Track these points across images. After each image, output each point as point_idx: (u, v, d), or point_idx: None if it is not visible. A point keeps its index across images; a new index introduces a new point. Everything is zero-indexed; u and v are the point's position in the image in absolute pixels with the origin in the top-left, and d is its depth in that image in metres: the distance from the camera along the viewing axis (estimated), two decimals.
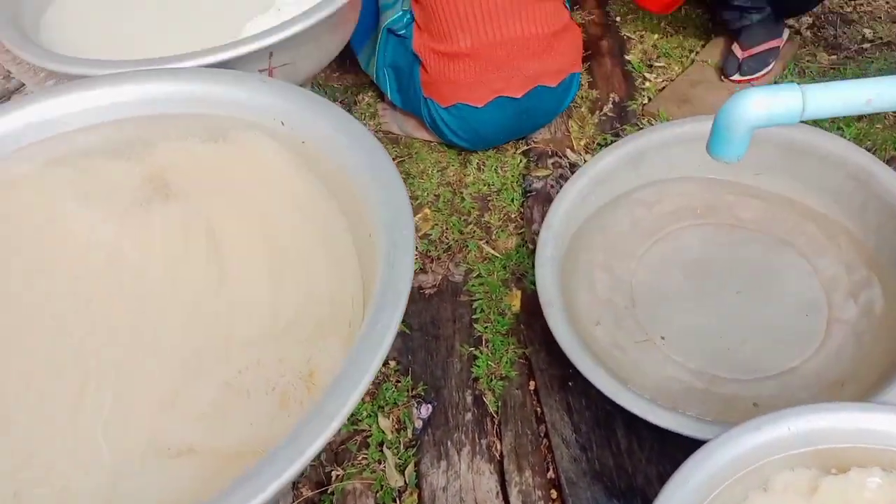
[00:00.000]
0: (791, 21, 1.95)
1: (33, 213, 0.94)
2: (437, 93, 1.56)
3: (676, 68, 1.90)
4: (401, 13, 1.58)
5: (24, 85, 2.09)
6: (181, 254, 0.93)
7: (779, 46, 1.82)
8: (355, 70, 1.90)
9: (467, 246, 1.56)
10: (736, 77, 1.79)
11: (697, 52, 1.92)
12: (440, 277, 1.51)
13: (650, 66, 1.92)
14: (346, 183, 0.92)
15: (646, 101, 1.80)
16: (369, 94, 1.92)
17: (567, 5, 1.61)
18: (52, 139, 1.02)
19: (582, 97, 1.82)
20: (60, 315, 0.89)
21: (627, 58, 1.92)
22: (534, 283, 1.32)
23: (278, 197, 0.95)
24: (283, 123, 0.99)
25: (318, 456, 0.99)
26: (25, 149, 1.00)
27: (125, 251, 0.94)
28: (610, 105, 1.80)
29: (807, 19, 2.03)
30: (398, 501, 1.17)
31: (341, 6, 1.13)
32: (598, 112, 1.79)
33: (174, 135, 1.01)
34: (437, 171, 1.73)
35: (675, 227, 1.43)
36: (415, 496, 1.17)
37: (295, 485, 1.19)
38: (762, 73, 1.78)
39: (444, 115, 1.58)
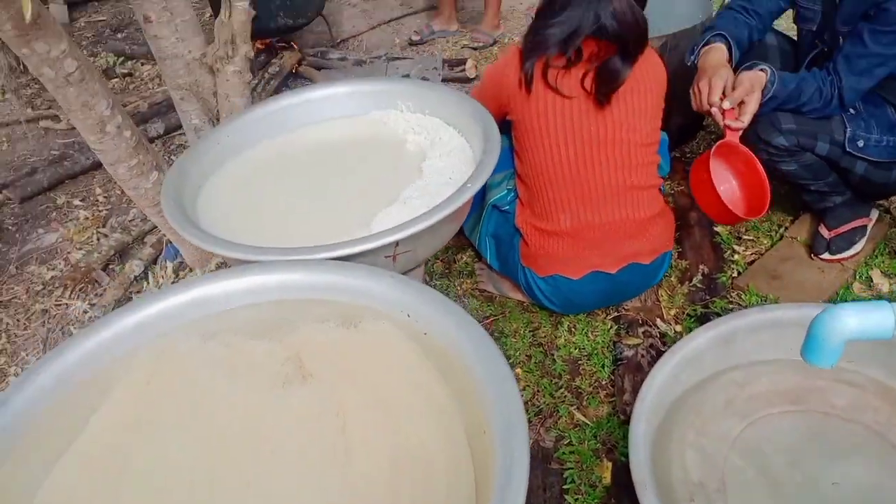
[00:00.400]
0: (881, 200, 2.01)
1: (193, 387, 1.08)
2: (535, 263, 1.68)
3: (765, 242, 1.97)
4: (506, 192, 1.75)
5: (155, 227, 2.35)
6: (314, 432, 1.05)
7: (866, 225, 1.87)
8: (456, 234, 2.07)
9: (558, 411, 1.62)
10: (825, 256, 1.84)
11: (786, 228, 1.99)
12: (531, 442, 1.57)
13: (739, 238, 1.99)
14: (463, 378, 1.02)
15: (735, 274, 1.87)
16: (467, 253, 2.07)
17: (662, 191, 1.73)
18: (207, 318, 1.18)
19: (672, 266, 1.91)
20: (209, 476, 1.01)
21: (716, 229, 2.01)
22: (625, 456, 1.36)
23: (402, 384, 1.07)
24: (408, 315, 1.11)
25: None
26: (187, 325, 1.16)
27: (266, 425, 1.06)
28: (699, 276, 1.87)
29: None
30: None
31: (463, 204, 1.29)
32: (687, 283, 1.87)
33: (313, 319, 1.16)
34: (529, 331, 1.83)
35: (768, 411, 1.46)
36: None
37: None
38: (850, 252, 1.82)
39: (541, 284, 1.70)
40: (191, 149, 1.59)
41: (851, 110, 1.72)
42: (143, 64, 3.68)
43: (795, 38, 1.91)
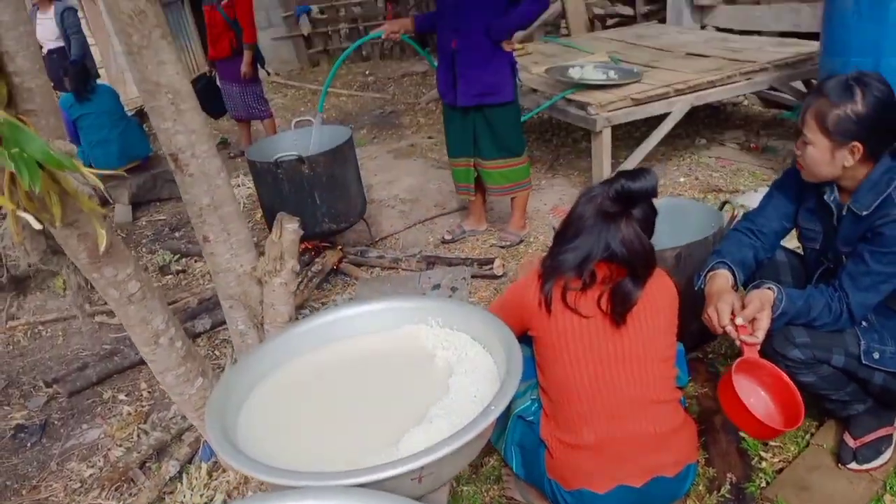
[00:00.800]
0: None
1: None
2: (561, 476, 1.71)
3: (792, 448, 1.97)
4: (530, 402, 1.82)
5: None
6: None
7: (892, 434, 1.88)
8: None
9: None
10: (852, 466, 1.84)
11: (812, 434, 1.99)
12: None
13: (766, 444, 2.00)
14: None
15: (763, 483, 1.86)
16: (495, 457, 2.10)
17: (683, 403, 1.79)
18: None
19: (699, 475, 1.91)
20: None
21: (741, 434, 2.03)
22: None
23: None
24: None
25: None
26: None
27: None
28: (727, 486, 1.87)
29: None
30: None
31: (488, 426, 1.36)
32: (716, 492, 1.86)
33: None
34: None
35: None
36: None
37: None
38: (878, 463, 1.82)
39: (567, 497, 1.71)
40: (237, 365, 1.72)
41: (864, 323, 1.79)
42: (196, 261, 3.98)
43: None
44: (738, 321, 1.70)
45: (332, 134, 3.65)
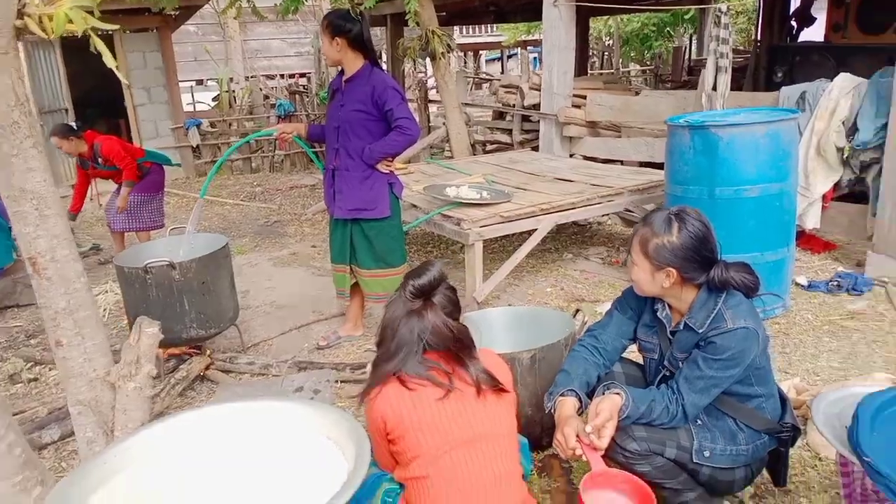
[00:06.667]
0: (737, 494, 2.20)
1: None
2: None
3: None
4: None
5: None
6: None
7: None
8: None
9: None
10: None
11: None
12: None
13: None
14: None
15: None
16: None
17: (525, 479, 1.88)
18: None
19: None
20: None
21: None
22: None
23: None
24: None
25: None
26: None
27: None
28: None
29: (750, 488, 2.27)
30: None
31: None
32: None
33: None
34: None
35: None
36: None
37: None
38: None
39: None
40: (74, 472, 1.65)
41: (698, 421, 2.00)
42: (50, 369, 3.75)
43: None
44: (588, 429, 1.87)
45: (208, 241, 3.66)
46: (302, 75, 14.12)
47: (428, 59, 7.69)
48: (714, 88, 5.20)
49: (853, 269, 4.39)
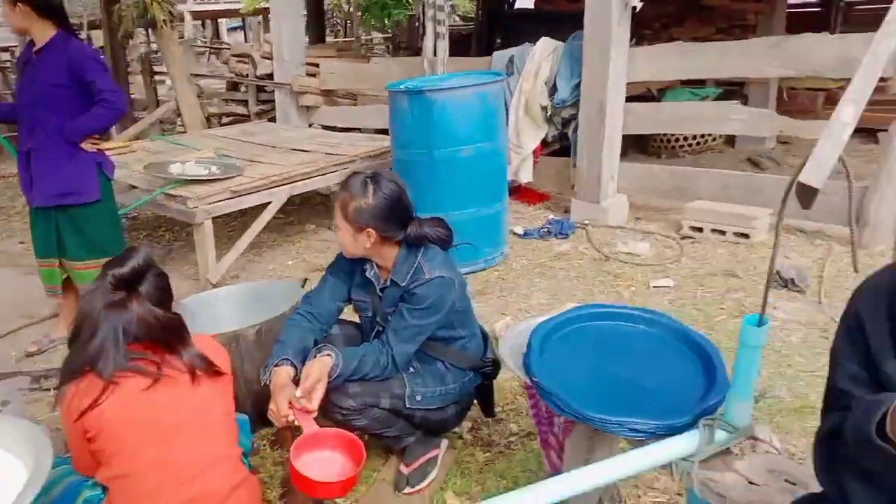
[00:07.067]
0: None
1: None
2: None
3: (363, 489, 2.18)
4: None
5: None
6: None
7: (436, 456, 2.22)
8: None
9: None
10: (406, 490, 2.12)
11: (378, 471, 2.24)
12: None
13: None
14: None
15: None
16: None
17: (245, 461, 1.87)
18: None
19: None
20: None
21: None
22: None
23: None
24: None
25: None
26: None
27: None
28: None
29: (466, 423, 2.50)
30: None
31: None
32: None
33: None
34: None
35: None
36: None
37: None
38: (425, 483, 2.13)
39: None
40: None
41: (411, 369, 2.12)
42: None
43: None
44: (298, 393, 1.90)
45: None
46: (4, 49, 12.23)
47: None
48: (435, 54, 5.48)
49: (562, 216, 4.96)
